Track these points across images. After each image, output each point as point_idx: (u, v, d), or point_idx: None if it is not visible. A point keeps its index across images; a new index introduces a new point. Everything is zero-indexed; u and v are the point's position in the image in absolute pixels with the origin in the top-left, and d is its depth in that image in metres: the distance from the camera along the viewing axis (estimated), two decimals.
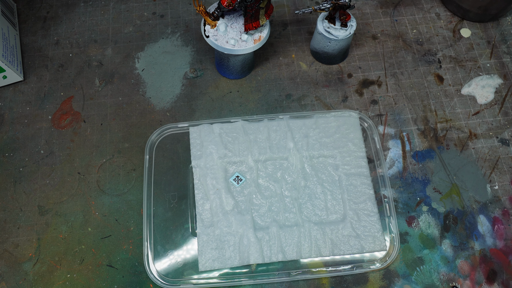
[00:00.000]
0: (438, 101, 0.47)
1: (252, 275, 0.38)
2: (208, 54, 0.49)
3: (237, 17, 0.42)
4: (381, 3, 0.53)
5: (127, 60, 0.48)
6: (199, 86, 0.47)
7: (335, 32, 0.44)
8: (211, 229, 0.39)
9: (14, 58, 0.46)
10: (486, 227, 0.40)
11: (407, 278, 0.38)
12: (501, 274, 0.39)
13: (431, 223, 0.41)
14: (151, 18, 0.51)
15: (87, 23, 0.51)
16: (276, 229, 0.39)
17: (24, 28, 0.50)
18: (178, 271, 0.38)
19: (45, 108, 0.45)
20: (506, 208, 0.41)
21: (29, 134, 0.44)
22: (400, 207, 0.41)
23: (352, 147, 0.42)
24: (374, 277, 0.38)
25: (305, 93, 0.47)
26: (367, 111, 0.46)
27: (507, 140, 0.45)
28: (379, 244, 0.39)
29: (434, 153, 0.44)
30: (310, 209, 0.40)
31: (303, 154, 0.42)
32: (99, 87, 0.47)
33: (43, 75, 0.47)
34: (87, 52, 0.49)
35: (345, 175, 0.41)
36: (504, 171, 0.43)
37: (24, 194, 0.41)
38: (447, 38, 0.51)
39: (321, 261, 0.38)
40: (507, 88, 0.48)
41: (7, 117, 0.45)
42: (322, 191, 0.41)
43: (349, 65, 0.48)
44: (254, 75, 0.48)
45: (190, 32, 0.50)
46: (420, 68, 0.48)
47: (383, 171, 0.42)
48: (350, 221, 0.39)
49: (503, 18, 0.52)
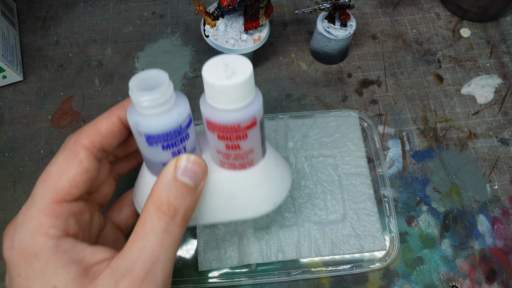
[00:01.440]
0: (437, 101, 0.47)
1: (252, 274, 0.38)
2: (208, 54, 0.49)
3: (237, 17, 0.42)
4: (381, 3, 0.53)
5: (127, 60, 0.48)
6: (199, 86, 0.47)
7: (335, 32, 0.44)
8: (211, 229, 0.39)
9: (14, 58, 0.46)
10: (486, 226, 0.40)
11: (407, 277, 0.38)
12: (501, 273, 0.39)
13: (430, 222, 0.41)
14: (150, 18, 0.51)
15: (87, 23, 0.51)
16: (275, 228, 0.39)
17: (24, 28, 0.50)
18: (178, 271, 0.38)
19: (45, 108, 0.45)
20: (506, 208, 0.41)
21: (29, 134, 0.44)
22: (400, 206, 0.41)
23: (351, 146, 0.42)
24: (374, 276, 0.38)
25: (305, 93, 0.47)
26: (366, 111, 0.46)
27: (507, 139, 0.45)
28: (379, 244, 0.39)
29: (433, 153, 0.44)
30: (309, 209, 0.40)
31: (302, 154, 0.42)
32: (99, 87, 0.47)
33: (42, 75, 0.47)
34: (87, 52, 0.49)
35: (344, 174, 0.41)
36: (504, 171, 0.43)
37: (24, 194, 0.41)
38: (447, 38, 0.51)
39: (321, 261, 0.38)
40: (507, 88, 0.48)
41: (7, 117, 0.45)
42: (321, 191, 0.41)
43: (348, 65, 0.49)
44: (254, 75, 0.48)
45: (190, 32, 0.50)
46: (419, 68, 0.48)
47: (383, 171, 0.42)
48: (350, 221, 0.39)
49: (502, 18, 0.52)
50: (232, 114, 0.24)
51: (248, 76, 0.23)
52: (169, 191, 0.24)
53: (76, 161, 0.26)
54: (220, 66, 0.24)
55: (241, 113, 0.24)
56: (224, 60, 0.24)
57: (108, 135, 0.27)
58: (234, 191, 0.29)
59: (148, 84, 0.25)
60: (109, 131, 0.27)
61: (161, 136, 0.25)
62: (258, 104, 0.25)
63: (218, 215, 0.30)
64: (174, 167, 0.25)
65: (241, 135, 0.26)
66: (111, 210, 0.33)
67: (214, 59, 0.24)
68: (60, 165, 0.26)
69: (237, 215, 0.30)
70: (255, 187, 0.29)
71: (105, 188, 0.32)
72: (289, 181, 0.32)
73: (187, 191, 0.25)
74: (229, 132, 0.25)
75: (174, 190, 0.25)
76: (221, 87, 0.23)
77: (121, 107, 0.28)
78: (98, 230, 0.30)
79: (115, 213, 0.33)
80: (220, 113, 0.24)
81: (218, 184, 0.29)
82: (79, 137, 0.27)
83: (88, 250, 0.24)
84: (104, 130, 0.27)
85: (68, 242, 0.24)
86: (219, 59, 0.24)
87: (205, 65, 0.24)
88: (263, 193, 0.30)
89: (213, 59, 0.24)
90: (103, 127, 0.27)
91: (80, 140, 0.27)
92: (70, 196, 0.26)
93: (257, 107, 0.25)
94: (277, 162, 0.31)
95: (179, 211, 0.25)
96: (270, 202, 0.30)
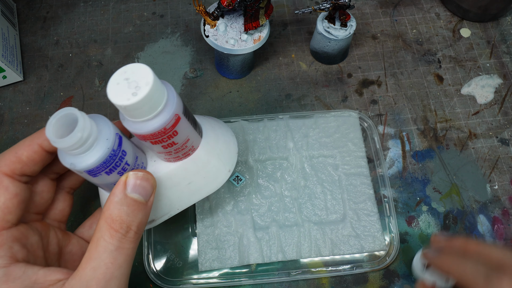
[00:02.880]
0: (437, 101, 0.47)
1: (252, 275, 0.38)
2: (208, 54, 0.49)
3: (237, 17, 0.42)
4: (381, 3, 0.53)
5: (127, 60, 0.48)
6: (199, 86, 0.47)
7: (335, 32, 0.44)
8: (211, 229, 0.39)
9: (14, 58, 0.46)
10: (486, 227, 0.40)
11: (407, 278, 0.38)
12: None
13: (431, 223, 0.41)
14: (151, 18, 0.51)
15: (87, 23, 0.51)
16: (276, 229, 0.39)
17: (24, 28, 0.50)
18: (178, 271, 0.38)
19: (45, 108, 0.45)
20: (506, 208, 0.41)
21: (29, 134, 0.44)
22: (400, 207, 0.41)
23: (352, 147, 0.42)
24: (374, 277, 0.38)
25: (305, 93, 0.47)
26: (367, 111, 0.46)
27: (507, 140, 0.45)
28: (379, 244, 0.39)
29: (434, 153, 0.44)
30: (310, 209, 0.40)
31: (302, 154, 0.42)
32: (99, 87, 0.47)
33: (43, 75, 0.47)
34: (87, 52, 0.49)
35: (344, 175, 0.41)
36: (504, 171, 0.43)
37: None
38: (447, 38, 0.51)
39: (321, 261, 0.38)
40: (507, 88, 0.48)
41: (7, 117, 0.45)
42: (322, 191, 0.41)
43: (349, 65, 0.49)
44: (254, 75, 0.48)
45: (190, 32, 0.50)
46: (420, 68, 0.48)
47: (383, 171, 0.42)
48: (350, 221, 0.39)
49: (503, 18, 0.52)
50: (154, 121, 0.25)
51: (152, 84, 0.23)
52: (121, 209, 0.25)
53: (2, 189, 0.26)
54: (122, 83, 0.23)
55: (162, 116, 0.25)
56: (123, 75, 0.24)
57: (30, 163, 0.27)
58: (189, 177, 0.30)
59: (64, 123, 0.25)
60: (30, 159, 0.27)
61: (100, 166, 0.25)
62: (173, 99, 0.25)
63: (184, 202, 0.31)
64: (124, 185, 0.25)
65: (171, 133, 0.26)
66: (82, 226, 0.33)
67: (114, 77, 0.24)
68: None
69: (201, 195, 0.32)
70: (205, 165, 0.30)
71: (59, 205, 0.31)
72: (234, 144, 0.33)
73: (138, 206, 0.25)
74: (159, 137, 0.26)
75: (126, 207, 0.25)
76: (131, 105, 0.23)
77: (42, 134, 0.27)
78: (58, 248, 0.30)
79: (86, 229, 0.33)
80: (142, 124, 0.25)
81: (172, 178, 0.30)
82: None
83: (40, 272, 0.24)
84: (25, 158, 0.27)
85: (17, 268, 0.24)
86: (118, 75, 0.24)
87: (108, 87, 0.23)
88: (214, 167, 0.31)
89: (112, 78, 0.24)
90: (23, 155, 0.27)
91: (0, 168, 0.26)
92: (7, 223, 0.25)
93: (174, 103, 0.25)
94: (217, 134, 0.32)
95: (132, 227, 0.25)
96: (225, 171, 0.32)
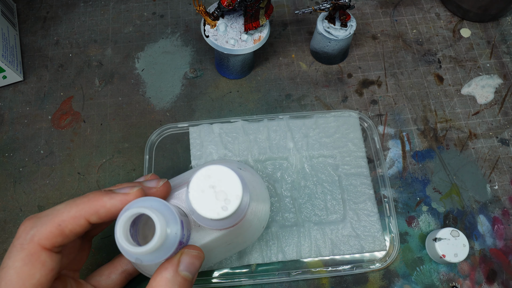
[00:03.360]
0: (438, 101, 0.47)
1: (252, 275, 0.38)
2: (208, 54, 0.49)
3: (237, 17, 0.42)
4: (381, 3, 0.53)
5: (127, 60, 0.48)
6: (199, 86, 0.47)
7: (335, 32, 0.44)
8: None
9: (14, 58, 0.46)
10: (486, 227, 0.40)
11: (407, 278, 0.38)
12: (501, 274, 0.39)
13: (431, 223, 0.41)
14: (151, 18, 0.51)
15: (87, 23, 0.51)
16: (276, 229, 0.39)
17: (24, 28, 0.50)
18: None
19: (45, 108, 0.45)
20: (506, 208, 0.41)
21: (29, 134, 0.44)
22: (400, 207, 0.41)
23: (352, 147, 0.42)
24: (374, 277, 0.38)
25: (305, 93, 0.47)
26: (367, 111, 0.46)
27: (507, 140, 0.45)
28: (379, 244, 0.39)
29: (434, 153, 0.44)
30: (310, 209, 0.40)
31: (303, 154, 0.42)
32: (99, 87, 0.47)
33: (43, 75, 0.47)
34: (87, 52, 0.49)
35: (345, 175, 0.41)
36: (504, 171, 0.43)
37: (24, 194, 0.41)
38: (447, 38, 0.51)
39: (321, 261, 0.38)
40: (507, 88, 0.48)
41: (7, 117, 0.45)
42: (322, 191, 0.41)
43: (349, 65, 0.48)
44: (254, 75, 0.48)
45: (190, 32, 0.50)
46: (420, 68, 0.48)
47: (383, 171, 0.42)
48: (350, 221, 0.39)
49: (503, 18, 0.52)
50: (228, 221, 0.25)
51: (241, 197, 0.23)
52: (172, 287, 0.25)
53: (39, 265, 0.23)
54: (208, 192, 0.22)
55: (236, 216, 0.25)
56: (208, 180, 0.22)
57: (72, 237, 0.25)
58: (231, 239, 0.31)
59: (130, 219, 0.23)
60: (73, 233, 0.25)
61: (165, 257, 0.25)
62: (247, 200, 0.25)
63: (219, 257, 0.33)
64: (177, 263, 0.25)
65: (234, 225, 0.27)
66: (99, 274, 0.31)
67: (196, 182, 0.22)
68: (20, 272, 0.23)
69: (236, 250, 0.34)
70: (247, 229, 0.31)
71: (78, 255, 0.30)
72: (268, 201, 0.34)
73: (186, 283, 0.26)
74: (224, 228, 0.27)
75: (177, 286, 0.25)
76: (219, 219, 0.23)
77: (89, 206, 0.25)
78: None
79: (104, 277, 0.31)
80: (216, 222, 0.25)
81: (215, 242, 0.29)
82: (38, 236, 0.24)
83: None
84: (68, 232, 0.24)
85: None
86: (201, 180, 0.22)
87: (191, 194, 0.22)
88: (254, 228, 0.32)
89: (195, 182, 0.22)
90: (67, 228, 0.24)
91: (39, 241, 0.24)
92: None
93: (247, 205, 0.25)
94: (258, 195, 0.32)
95: None
96: (260, 229, 0.34)
